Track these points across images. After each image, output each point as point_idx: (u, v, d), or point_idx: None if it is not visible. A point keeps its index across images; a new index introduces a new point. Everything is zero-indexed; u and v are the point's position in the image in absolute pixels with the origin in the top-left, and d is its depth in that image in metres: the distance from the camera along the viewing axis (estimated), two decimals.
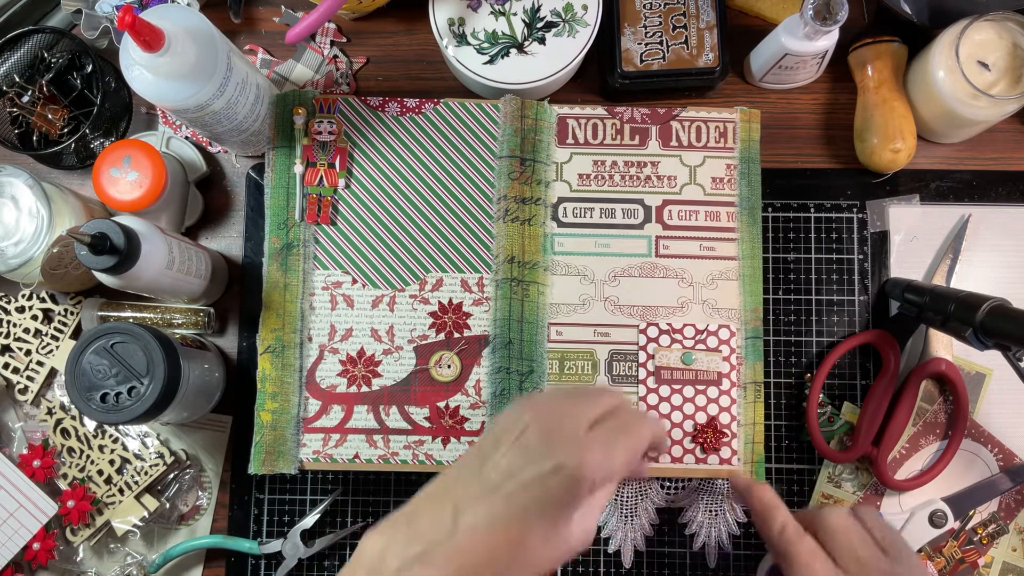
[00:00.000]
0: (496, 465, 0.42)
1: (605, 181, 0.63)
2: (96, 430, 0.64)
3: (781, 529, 0.51)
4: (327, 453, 0.60)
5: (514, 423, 0.44)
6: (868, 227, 0.66)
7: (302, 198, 0.62)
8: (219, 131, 0.58)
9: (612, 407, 0.46)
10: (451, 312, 0.61)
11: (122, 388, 0.53)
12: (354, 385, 0.61)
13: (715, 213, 0.63)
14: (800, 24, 0.59)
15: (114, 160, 0.60)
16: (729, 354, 0.61)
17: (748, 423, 0.61)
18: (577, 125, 0.63)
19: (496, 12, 0.62)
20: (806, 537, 0.50)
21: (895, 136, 0.63)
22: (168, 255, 0.55)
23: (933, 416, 0.64)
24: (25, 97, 0.64)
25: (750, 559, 0.63)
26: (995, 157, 0.67)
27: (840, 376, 0.65)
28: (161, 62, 0.50)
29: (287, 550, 0.62)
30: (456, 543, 0.40)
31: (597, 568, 0.63)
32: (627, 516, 0.61)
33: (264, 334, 0.61)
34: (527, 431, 0.43)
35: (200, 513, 0.64)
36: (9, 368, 0.65)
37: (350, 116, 0.63)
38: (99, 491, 0.63)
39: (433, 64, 0.68)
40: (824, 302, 0.65)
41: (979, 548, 0.63)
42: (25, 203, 0.59)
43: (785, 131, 0.67)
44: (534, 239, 0.62)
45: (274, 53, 0.68)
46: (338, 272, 0.62)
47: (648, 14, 0.63)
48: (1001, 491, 0.62)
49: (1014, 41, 0.61)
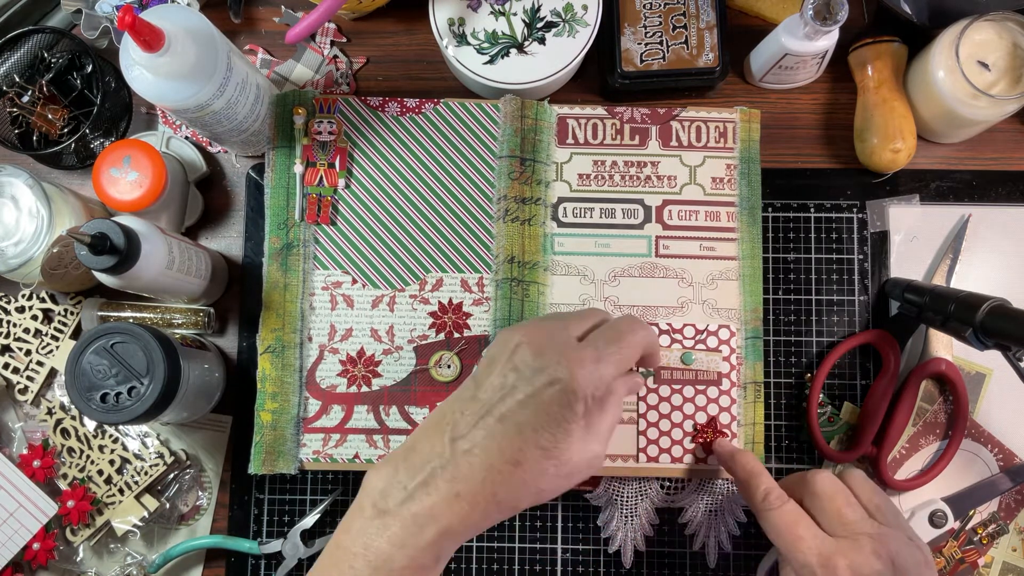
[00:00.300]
0: (490, 386, 0.42)
1: (605, 181, 0.63)
2: (96, 430, 0.64)
3: (764, 495, 0.50)
4: (327, 453, 0.60)
5: (505, 345, 0.44)
6: (868, 227, 0.66)
7: (302, 198, 0.62)
8: (219, 131, 0.58)
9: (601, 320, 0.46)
10: (451, 312, 0.61)
11: (122, 388, 0.53)
12: (354, 385, 0.61)
13: (715, 213, 0.63)
14: (800, 24, 0.59)
15: (114, 160, 0.60)
16: (729, 354, 0.61)
17: (748, 423, 0.61)
18: (577, 125, 0.63)
19: (496, 12, 0.62)
20: (789, 502, 0.49)
21: (895, 136, 0.63)
22: (168, 255, 0.56)
23: (933, 416, 0.64)
24: (25, 97, 0.64)
25: (750, 559, 0.63)
26: (995, 157, 0.67)
27: (840, 376, 0.65)
28: (161, 62, 0.50)
29: (287, 550, 0.62)
30: (455, 468, 0.41)
31: (597, 568, 0.63)
32: (627, 516, 0.62)
33: (264, 334, 0.61)
34: (518, 350, 0.43)
35: (200, 513, 0.64)
36: (9, 368, 0.65)
37: (350, 116, 0.63)
38: (99, 491, 0.63)
39: (433, 64, 0.68)
40: (824, 302, 0.65)
41: (979, 548, 0.63)
42: (25, 203, 0.59)
43: (785, 131, 0.67)
44: (534, 239, 0.62)
45: (274, 53, 0.68)
46: (338, 272, 0.62)
47: (648, 14, 0.63)
48: (1001, 491, 0.62)
49: (1014, 41, 0.61)
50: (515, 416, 0.41)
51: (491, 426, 0.41)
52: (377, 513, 0.41)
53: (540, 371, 0.42)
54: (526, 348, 0.43)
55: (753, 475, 0.52)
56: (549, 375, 0.42)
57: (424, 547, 0.40)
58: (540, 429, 0.41)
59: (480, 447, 0.41)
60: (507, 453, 0.41)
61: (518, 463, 0.41)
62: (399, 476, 0.42)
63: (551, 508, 0.64)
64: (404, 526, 0.40)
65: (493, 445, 0.41)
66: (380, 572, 0.40)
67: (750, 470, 0.53)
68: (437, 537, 0.40)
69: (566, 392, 0.41)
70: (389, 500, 0.41)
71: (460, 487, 0.40)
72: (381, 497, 0.41)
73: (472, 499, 0.40)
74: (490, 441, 0.41)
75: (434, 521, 0.40)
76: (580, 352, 0.43)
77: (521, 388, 0.42)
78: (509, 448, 0.41)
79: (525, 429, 0.41)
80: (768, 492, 0.50)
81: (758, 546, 0.63)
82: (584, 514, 0.64)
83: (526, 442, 0.41)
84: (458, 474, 0.40)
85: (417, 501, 0.40)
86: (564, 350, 0.43)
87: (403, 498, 0.41)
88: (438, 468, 0.41)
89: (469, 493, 0.40)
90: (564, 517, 0.64)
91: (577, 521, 0.64)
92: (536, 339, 0.43)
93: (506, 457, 0.40)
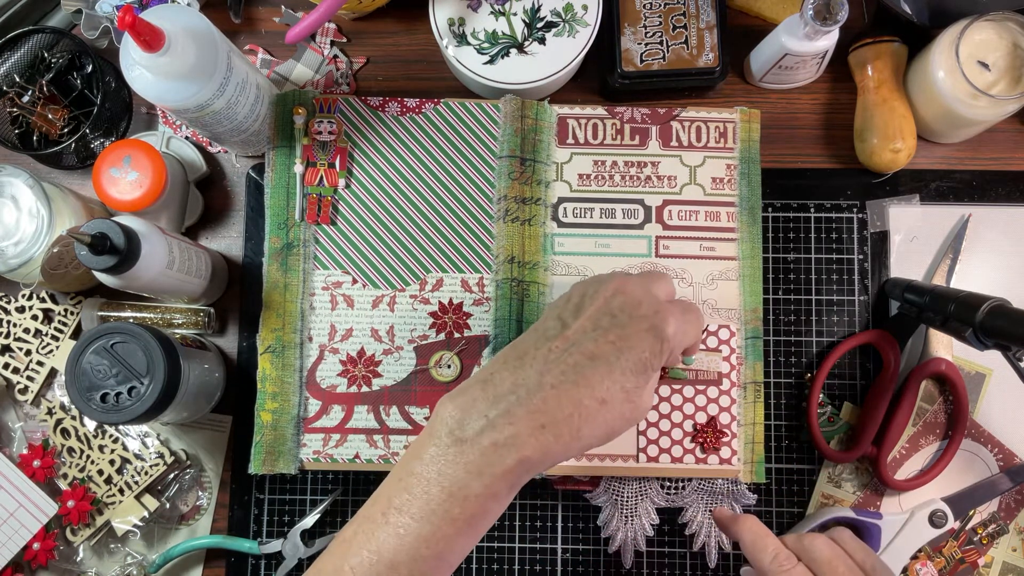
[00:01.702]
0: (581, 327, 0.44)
1: (605, 181, 0.63)
2: (96, 430, 0.64)
3: (773, 557, 0.51)
4: (327, 453, 0.60)
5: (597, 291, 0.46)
6: (868, 227, 0.66)
7: (302, 198, 0.62)
8: (219, 131, 0.58)
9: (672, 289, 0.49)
10: (451, 312, 0.61)
11: (122, 388, 0.53)
12: (354, 385, 0.61)
13: (715, 213, 0.63)
14: (800, 24, 0.59)
15: (114, 160, 0.60)
16: (729, 354, 0.61)
17: (748, 423, 0.61)
18: (577, 125, 0.63)
19: (496, 12, 0.62)
20: (799, 565, 0.50)
21: (895, 136, 0.63)
22: (168, 255, 0.56)
23: (933, 416, 0.64)
24: (25, 97, 0.64)
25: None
26: (995, 157, 0.67)
27: (840, 376, 0.65)
28: (161, 62, 0.50)
29: (287, 550, 0.62)
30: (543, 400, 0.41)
31: (597, 568, 0.63)
32: (627, 516, 0.61)
33: (264, 334, 0.61)
34: (615, 297, 0.45)
35: (200, 513, 0.64)
36: (9, 368, 0.65)
37: (350, 116, 0.63)
38: (99, 491, 0.63)
39: (433, 64, 0.68)
40: (824, 302, 0.65)
41: (979, 548, 0.63)
42: (25, 203, 0.59)
43: (785, 131, 0.67)
44: (534, 239, 0.62)
45: (274, 53, 0.68)
46: (338, 272, 0.62)
47: (648, 14, 0.63)
48: (1001, 491, 0.62)
49: (1014, 41, 0.61)
50: (607, 356, 0.42)
51: (582, 363, 0.42)
52: (454, 441, 0.41)
53: (639, 319, 0.44)
54: (622, 296, 0.45)
55: (760, 537, 0.53)
56: (648, 323, 0.44)
57: (501, 475, 0.41)
58: (628, 372, 0.43)
59: (570, 383, 0.42)
60: (597, 390, 0.42)
61: (604, 401, 0.42)
62: (478, 405, 0.42)
63: (551, 508, 0.64)
64: (483, 454, 0.41)
65: (583, 380, 0.42)
66: (455, 499, 0.41)
67: (756, 532, 0.53)
68: (515, 466, 0.41)
69: (660, 339, 0.43)
70: (467, 428, 0.41)
71: (545, 419, 0.41)
72: (458, 425, 0.42)
73: (556, 431, 0.41)
74: (580, 376, 0.42)
75: (515, 450, 0.41)
76: (671, 307, 0.46)
77: (615, 331, 0.43)
78: (599, 386, 0.42)
79: (615, 370, 0.42)
80: (777, 554, 0.51)
81: None
82: (584, 514, 0.64)
83: (615, 382, 0.42)
84: (545, 406, 0.41)
85: (498, 430, 0.41)
86: (659, 304, 0.45)
87: (483, 426, 0.41)
88: (524, 398, 0.41)
89: (554, 425, 0.41)
90: (564, 517, 0.64)
91: (577, 521, 0.64)
92: (633, 290, 0.45)
93: (595, 394, 0.42)
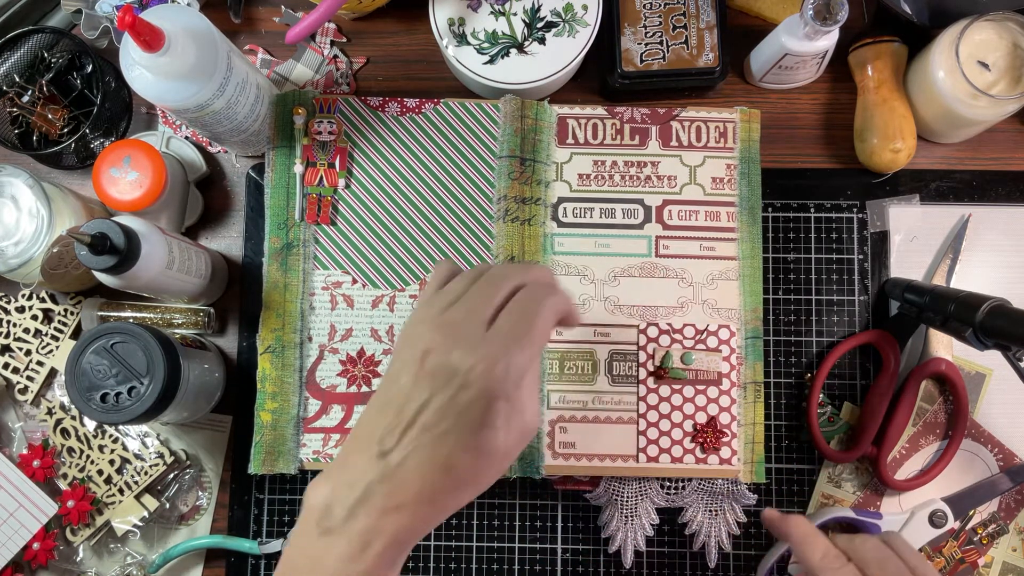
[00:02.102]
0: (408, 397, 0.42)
1: (605, 181, 0.63)
2: (96, 430, 0.64)
3: (823, 555, 0.51)
4: (327, 453, 0.60)
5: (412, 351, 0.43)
6: (868, 227, 0.66)
7: (302, 198, 0.62)
8: (219, 131, 0.58)
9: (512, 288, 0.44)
10: None
11: (122, 388, 0.53)
12: (354, 385, 0.61)
13: (715, 213, 0.63)
14: (800, 24, 0.59)
15: (114, 160, 0.60)
16: (729, 354, 0.61)
17: (748, 423, 0.61)
18: (577, 125, 0.63)
19: (496, 12, 0.62)
20: (849, 564, 0.50)
21: (895, 136, 0.63)
22: (168, 255, 0.56)
23: (933, 416, 0.64)
24: (25, 97, 0.64)
25: (750, 559, 0.63)
26: (995, 157, 0.67)
27: (840, 376, 0.65)
28: (161, 62, 0.50)
29: None
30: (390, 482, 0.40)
31: (597, 568, 0.63)
32: (627, 516, 0.61)
33: (264, 334, 0.61)
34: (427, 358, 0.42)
35: (200, 513, 0.64)
36: (9, 368, 0.65)
37: (350, 116, 0.63)
38: (99, 491, 0.63)
39: (433, 64, 0.68)
40: (824, 302, 0.65)
41: (979, 548, 0.63)
42: (25, 203, 0.59)
43: (785, 131, 0.67)
44: (534, 239, 0.62)
45: (274, 53, 0.68)
46: (338, 272, 0.62)
47: (648, 14, 0.63)
48: (1001, 491, 0.62)
49: (1014, 41, 0.61)
50: (438, 426, 0.41)
51: (417, 438, 0.41)
52: (323, 532, 0.41)
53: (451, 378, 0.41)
54: (434, 356, 0.42)
55: (809, 535, 0.53)
56: (462, 381, 0.41)
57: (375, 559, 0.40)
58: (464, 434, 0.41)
59: (411, 459, 0.40)
60: (438, 461, 0.40)
61: (450, 468, 0.40)
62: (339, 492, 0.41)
63: (551, 508, 0.64)
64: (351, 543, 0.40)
65: (423, 456, 0.40)
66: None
67: (805, 530, 0.53)
68: (385, 549, 0.40)
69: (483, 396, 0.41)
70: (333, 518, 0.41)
71: (398, 499, 0.40)
72: (324, 515, 0.41)
73: (413, 510, 0.40)
74: (419, 452, 0.40)
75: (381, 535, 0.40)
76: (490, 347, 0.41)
77: (437, 398, 0.41)
78: (439, 456, 0.40)
79: (449, 437, 0.40)
80: (827, 553, 0.51)
81: (758, 546, 0.63)
82: (584, 514, 0.64)
83: (454, 448, 0.40)
84: (394, 488, 0.40)
85: (359, 519, 0.40)
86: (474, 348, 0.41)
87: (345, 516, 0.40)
88: (374, 483, 0.40)
89: (409, 504, 0.40)
90: (564, 517, 0.64)
91: (577, 521, 0.64)
92: (442, 342, 0.42)
93: (438, 465, 0.40)
